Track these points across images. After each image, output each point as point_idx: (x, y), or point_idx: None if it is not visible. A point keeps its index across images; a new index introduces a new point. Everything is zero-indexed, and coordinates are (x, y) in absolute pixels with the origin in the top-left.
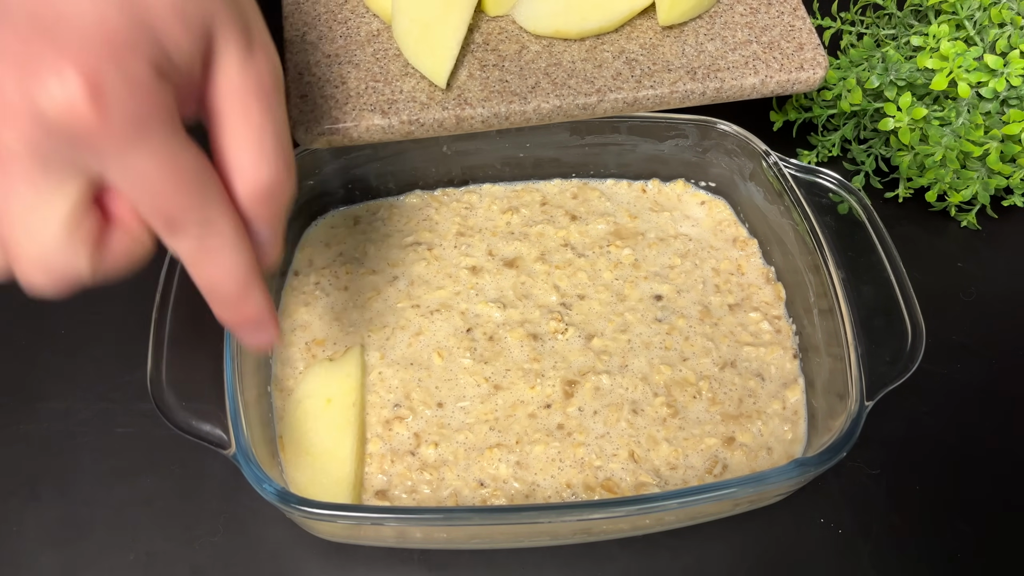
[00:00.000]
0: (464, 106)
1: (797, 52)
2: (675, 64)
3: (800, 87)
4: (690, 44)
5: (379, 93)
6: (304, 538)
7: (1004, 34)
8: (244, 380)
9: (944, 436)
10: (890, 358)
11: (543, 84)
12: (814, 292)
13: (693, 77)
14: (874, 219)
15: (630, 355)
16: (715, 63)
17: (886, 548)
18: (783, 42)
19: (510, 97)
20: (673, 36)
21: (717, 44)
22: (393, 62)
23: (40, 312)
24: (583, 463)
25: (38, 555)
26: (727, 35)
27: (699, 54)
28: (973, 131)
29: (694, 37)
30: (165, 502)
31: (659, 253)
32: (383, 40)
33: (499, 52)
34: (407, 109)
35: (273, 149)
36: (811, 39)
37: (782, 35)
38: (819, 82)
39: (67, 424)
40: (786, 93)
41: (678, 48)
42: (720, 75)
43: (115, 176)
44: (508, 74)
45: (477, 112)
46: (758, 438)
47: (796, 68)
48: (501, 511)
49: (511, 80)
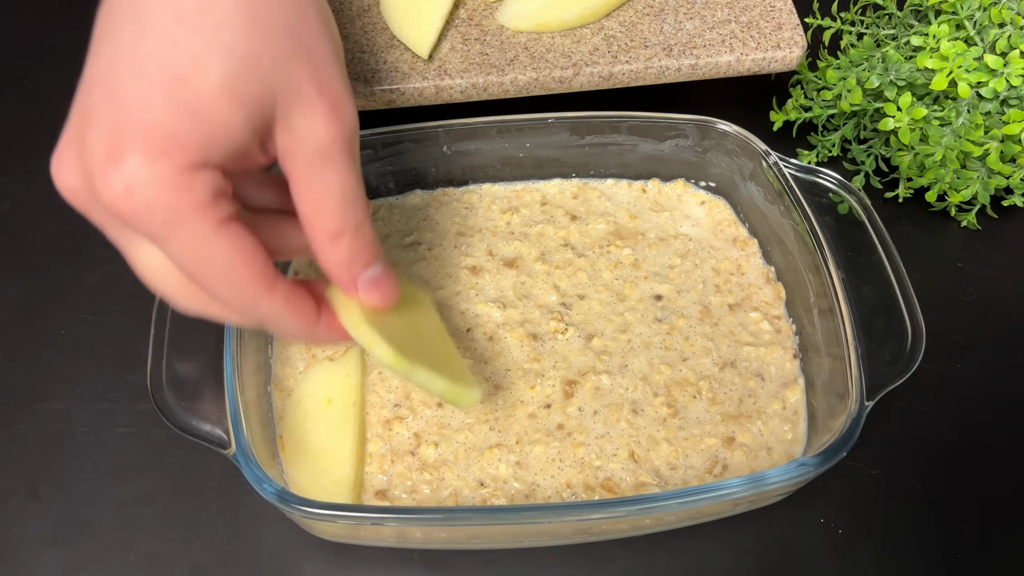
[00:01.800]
0: (444, 76)
1: (775, 32)
2: (652, 41)
3: (776, 66)
4: (669, 23)
5: (363, 63)
6: (304, 538)
7: (1004, 34)
8: (244, 380)
9: (944, 436)
10: (890, 358)
11: (521, 57)
12: (814, 292)
13: (669, 54)
14: (874, 219)
15: (630, 355)
16: (692, 41)
17: (886, 548)
18: (762, 22)
19: (488, 69)
20: (653, 15)
21: (696, 23)
22: (380, 35)
23: (40, 312)
24: (583, 463)
25: (38, 555)
26: (706, 14)
27: (677, 32)
28: (973, 131)
29: (673, 16)
30: (165, 502)
31: (659, 253)
32: (372, 15)
33: (482, 27)
34: (388, 78)
35: (338, 205)
36: (790, 19)
37: (761, 15)
38: (796, 61)
39: (67, 424)
40: (762, 72)
41: (656, 26)
42: (696, 52)
43: (166, 253)
44: (489, 47)
45: (456, 83)
46: (758, 438)
47: (772, 47)
48: (501, 511)
49: (491, 53)
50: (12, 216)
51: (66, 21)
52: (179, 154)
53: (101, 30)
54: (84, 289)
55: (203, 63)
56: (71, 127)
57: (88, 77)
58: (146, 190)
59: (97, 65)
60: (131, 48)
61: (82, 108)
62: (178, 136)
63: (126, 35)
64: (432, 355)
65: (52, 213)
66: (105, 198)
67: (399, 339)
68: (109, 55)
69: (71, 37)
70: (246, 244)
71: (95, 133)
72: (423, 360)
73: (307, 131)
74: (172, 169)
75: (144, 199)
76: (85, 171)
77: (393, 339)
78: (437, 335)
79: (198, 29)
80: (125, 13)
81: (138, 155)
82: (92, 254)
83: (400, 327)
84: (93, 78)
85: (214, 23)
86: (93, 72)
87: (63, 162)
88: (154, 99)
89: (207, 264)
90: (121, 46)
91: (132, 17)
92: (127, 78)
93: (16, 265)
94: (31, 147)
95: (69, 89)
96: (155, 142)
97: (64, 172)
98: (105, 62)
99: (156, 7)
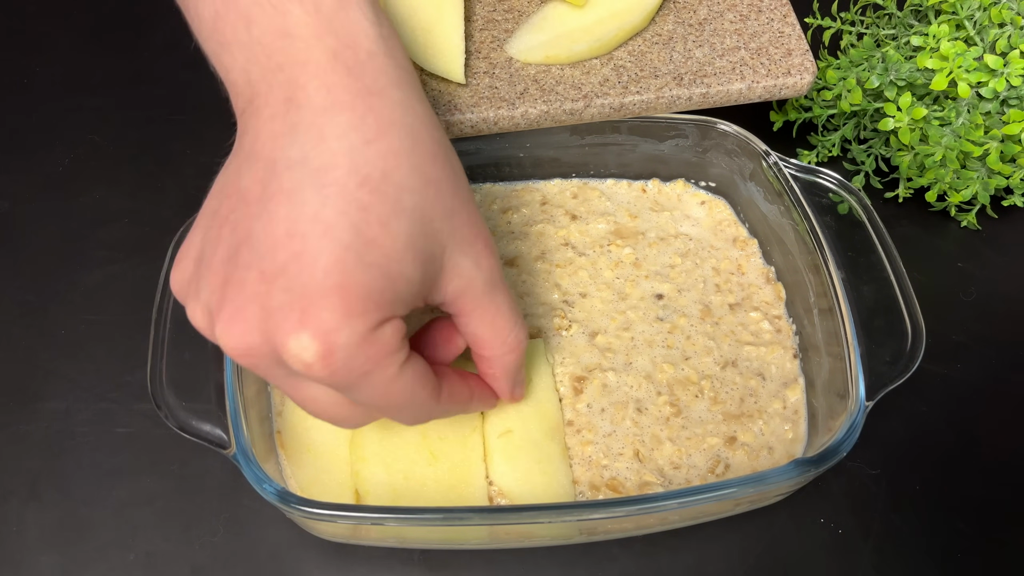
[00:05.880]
0: (453, 112)
1: (785, 58)
2: (662, 70)
3: (788, 92)
4: (678, 51)
5: None
6: (304, 538)
7: (1004, 34)
8: (244, 379)
9: (944, 436)
10: (890, 358)
11: (531, 90)
12: (814, 292)
13: (680, 83)
14: (874, 219)
15: (633, 353)
16: (702, 69)
17: (886, 548)
18: (771, 48)
19: (498, 103)
20: (661, 44)
21: (705, 51)
22: None
23: (40, 312)
24: (590, 461)
25: (38, 555)
26: (715, 42)
27: (687, 60)
28: (973, 131)
29: (682, 44)
30: (165, 502)
31: (659, 252)
32: None
33: (490, 60)
34: None
35: (512, 321)
36: (800, 45)
37: (771, 41)
38: (807, 88)
39: (67, 424)
40: (773, 98)
41: (666, 55)
42: (707, 80)
43: (349, 395)
44: (498, 81)
45: (466, 117)
46: (759, 437)
47: (783, 74)
48: (501, 511)
49: (500, 87)
50: (12, 216)
51: (66, 21)
52: (375, 312)
53: (265, 188)
54: (84, 289)
55: (390, 226)
56: (239, 293)
57: (254, 226)
58: (345, 350)
59: (274, 226)
60: (318, 212)
61: (255, 261)
62: (372, 295)
63: (308, 198)
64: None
65: (52, 213)
66: (295, 362)
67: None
68: (288, 218)
69: (71, 37)
70: (422, 371)
71: (283, 295)
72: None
73: (475, 271)
74: (368, 327)
75: (342, 359)
76: (267, 336)
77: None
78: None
79: (384, 195)
80: (302, 176)
81: (337, 317)
82: (92, 254)
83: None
84: (267, 231)
85: (397, 188)
86: (262, 222)
87: (234, 325)
88: (349, 262)
89: (393, 399)
90: (306, 209)
91: (313, 182)
92: (316, 242)
93: (16, 265)
94: (31, 147)
95: (69, 89)
96: (354, 303)
97: (234, 335)
98: (284, 224)
99: (341, 174)
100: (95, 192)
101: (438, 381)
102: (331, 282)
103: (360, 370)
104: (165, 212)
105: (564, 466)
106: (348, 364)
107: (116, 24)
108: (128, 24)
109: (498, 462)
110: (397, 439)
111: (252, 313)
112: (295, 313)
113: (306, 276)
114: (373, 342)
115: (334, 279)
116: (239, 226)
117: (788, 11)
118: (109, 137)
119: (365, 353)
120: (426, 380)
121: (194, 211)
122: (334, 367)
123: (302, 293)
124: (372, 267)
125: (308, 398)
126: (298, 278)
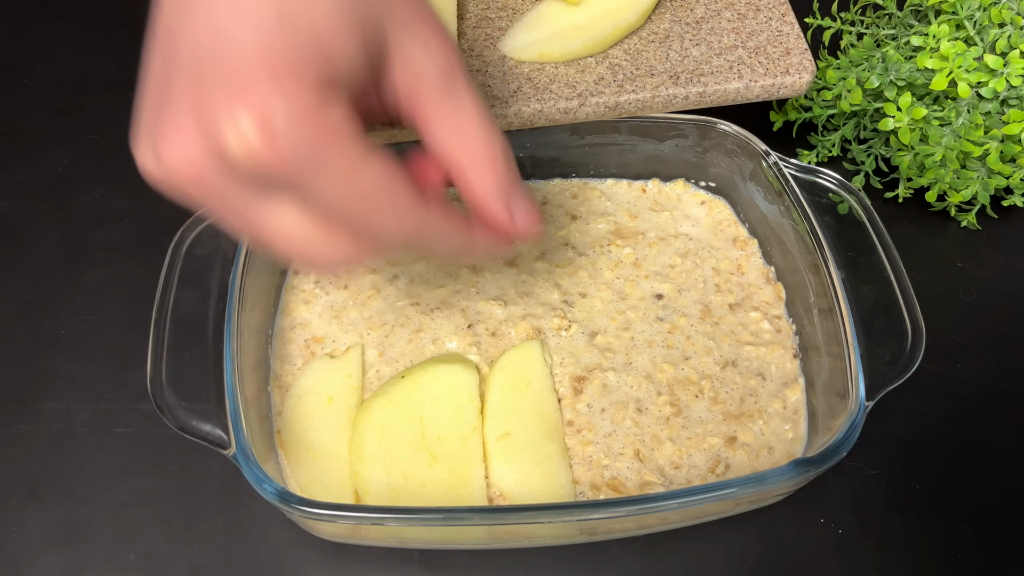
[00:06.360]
0: None
1: (783, 57)
2: (658, 69)
3: (786, 92)
4: (675, 50)
5: None
6: (304, 538)
7: (1004, 34)
8: (244, 379)
9: (944, 436)
10: (890, 358)
11: (525, 89)
12: (814, 292)
13: (676, 82)
14: (874, 219)
15: (634, 352)
16: (699, 68)
17: (886, 548)
18: (769, 47)
19: (491, 101)
20: (658, 42)
21: (702, 49)
22: None
23: (40, 312)
24: (591, 461)
25: (38, 555)
26: (713, 40)
27: (683, 59)
28: (973, 131)
29: (679, 43)
30: (165, 502)
31: (659, 252)
32: None
33: (483, 58)
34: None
35: (482, 127)
36: (798, 44)
37: (769, 40)
38: (805, 87)
39: (67, 424)
40: (771, 98)
41: (662, 53)
42: (703, 79)
43: (313, 196)
44: (491, 79)
45: None
46: (759, 437)
47: (781, 73)
48: (501, 511)
49: (493, 85)
50: (12, 216)
51: (66, 21)
52: (313, 87)
53: (180, 6)
54: (84, 289)
55: (316, 1)
56: (172, 106)
57: (176, 43)
58: (285, 126)
59: (189, 26)
60: (236, 5)
61: (182, 72)
62: (306, 69)
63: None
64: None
65: (52, 213)
66: (239, 150)
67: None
68: (207, 19)
69: (71, 37)
70: (396, 166)
71: (212, 90)
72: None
73: (424, 56)
74: (307, 102)
75: (285, 135)
76: (205, 134)
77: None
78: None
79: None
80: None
81: (268, 89)
82: (92, 254)
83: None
84: (188, 40)
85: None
86: (183, 36)
87: (171, 139)
88: (274, 37)
89: (365, 192)
90: (224, 6)
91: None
92: (239, 30)
93: (16, 265)
94: (31, 147)
95: (69, 89)
96: (284, 76)
97: (174, 150)
98: (204, 28)
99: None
100: (95, 192)
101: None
102: (257, 57)
103: (310, 153)
104: (165, 212)
105: (563, 467)
106: (295, 144)
107: (116, 24)
108: (128, 24)
109: (497, 464)
110: (397, 439)
111: (185, 118)
112: (224, 95)
113: (231, 63)
114: (317, 121)
115: (259, 55)
116: (166, 56)
117: (787, 10)
118: (109, 137)
119: (311, 132)
120: (403, 178)
121: (194, 212)
122: (278, 145)
123: (230, 79)
124: (301, 41)
125: (274, 227)
126: (224, 70)
